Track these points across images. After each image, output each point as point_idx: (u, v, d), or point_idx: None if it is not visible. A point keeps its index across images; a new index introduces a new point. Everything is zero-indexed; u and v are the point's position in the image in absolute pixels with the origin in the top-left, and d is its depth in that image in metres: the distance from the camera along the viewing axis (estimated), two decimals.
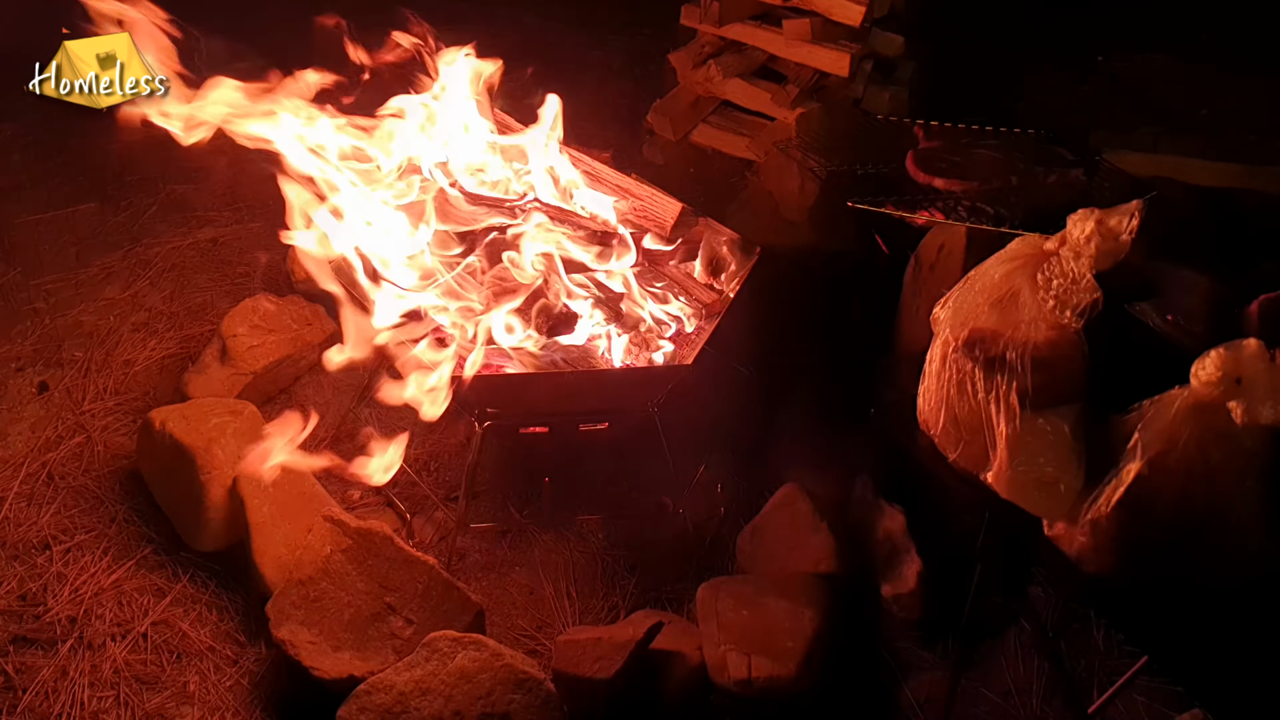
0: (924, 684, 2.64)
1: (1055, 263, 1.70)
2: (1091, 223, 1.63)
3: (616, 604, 2.86)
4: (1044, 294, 1.68)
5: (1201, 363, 1.50)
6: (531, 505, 3.02)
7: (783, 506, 2.83)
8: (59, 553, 2.91)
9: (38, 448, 3.18)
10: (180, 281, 3.79)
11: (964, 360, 1.73)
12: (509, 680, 2.48)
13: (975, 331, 1.73)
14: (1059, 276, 1.68)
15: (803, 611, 2.60)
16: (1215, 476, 1.47)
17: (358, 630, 2.63)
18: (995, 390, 1.68)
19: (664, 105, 4.44)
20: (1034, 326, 1.68)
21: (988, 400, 1.69)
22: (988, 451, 1.72)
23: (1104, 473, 1.59)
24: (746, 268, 3.01)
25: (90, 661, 2.67)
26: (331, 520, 2.74)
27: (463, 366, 2.69)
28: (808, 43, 3.97)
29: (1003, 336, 1.70)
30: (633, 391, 2.82)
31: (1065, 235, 1.71)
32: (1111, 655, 2.64)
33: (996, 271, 1.76)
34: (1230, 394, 1.46)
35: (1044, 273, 1.70)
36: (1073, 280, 1.65)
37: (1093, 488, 1.60)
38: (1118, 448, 1.59)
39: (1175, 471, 1.50)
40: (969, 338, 1.74)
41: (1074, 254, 1.66)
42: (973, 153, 3.32)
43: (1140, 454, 1.52)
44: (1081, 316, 1.65)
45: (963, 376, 1.73)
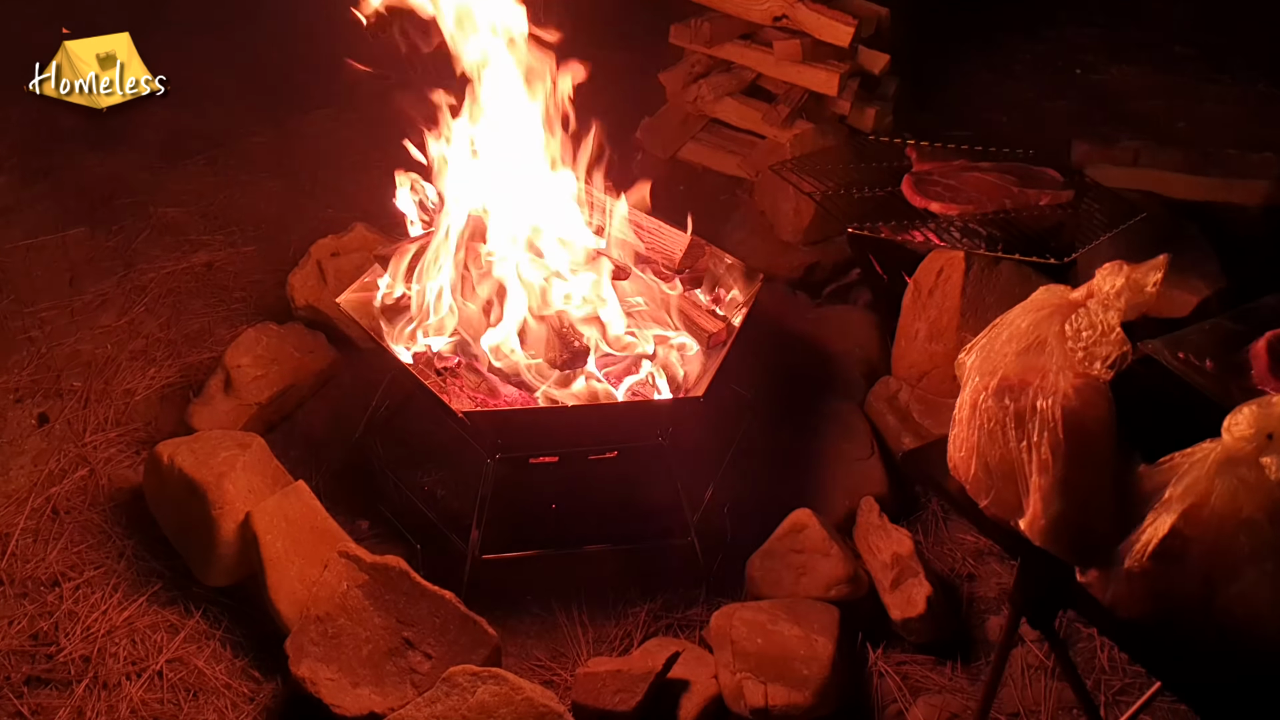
0: (935, 706, 2.68)
1: (1083, 314, 1.73)
2: (1123, 278, 1.67)
3: (630, 631, 2.88)
4: (1072, 345, 1.72)
5: (1234, 418, 1.55)
6: (540, 534, 3.04)
7: (793, 532, 2.86)
8: (69, 590, 2.90)
9: (41, 481, 3.17)
10: (176, 307, 3.78)
11: (995, 409, 1.77)
12: (530, 714, 2.50)
13: (1005, 380, 1.77)
14: (1088, 328, 1.72)
15: (816, 639, 2.64)
16: (1249, 528, 1.52)
17: (376, 666, 2.65)
18: (1027, 439, 1.72)
19: (653, 123, 4.47)
20: (1061, 375, 1.72)
21: (1019, 449, 1.73)
22: (1019, 499, 1.76)
23: (1136, 523, 1.63)
24: (750, 295, 3.05)
25: (107, 702, 2.66)
26: (347, 556, 2.74)
27: (474, 402, 2.72)
28: (797, 63, 4.02)
29: (1031, 385, 1.74)
30: (643, 424, 2.85)
31: (1092, 287, 1.74)
32: (1116, 674, 2.71)
33: (1023, 321, 1.80)
34: (1263, 449, 1.51)
35: (1072, 324, 1.74)
36: (1102, 333, 1.69)
37: (1124, 536, 1.65)
38: (1150, 498, 1.63)
39: (1209, 524, 1.54)
40: (999, 386, 1.78)
41: (1103, 306, 1.70)
42: (966, 176, 3.37)
43: (1174, 506, 1.57)
44: (1112, 369, 1.69)
45: (994, 425, 1.77)
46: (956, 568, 2.99)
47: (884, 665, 2.77)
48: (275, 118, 4.80)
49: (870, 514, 2.97)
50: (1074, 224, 3.30)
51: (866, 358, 3.44)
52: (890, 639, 2.83)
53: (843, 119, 4.19)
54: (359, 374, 3.55)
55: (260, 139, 4.70)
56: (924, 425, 3.14)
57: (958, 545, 3.04)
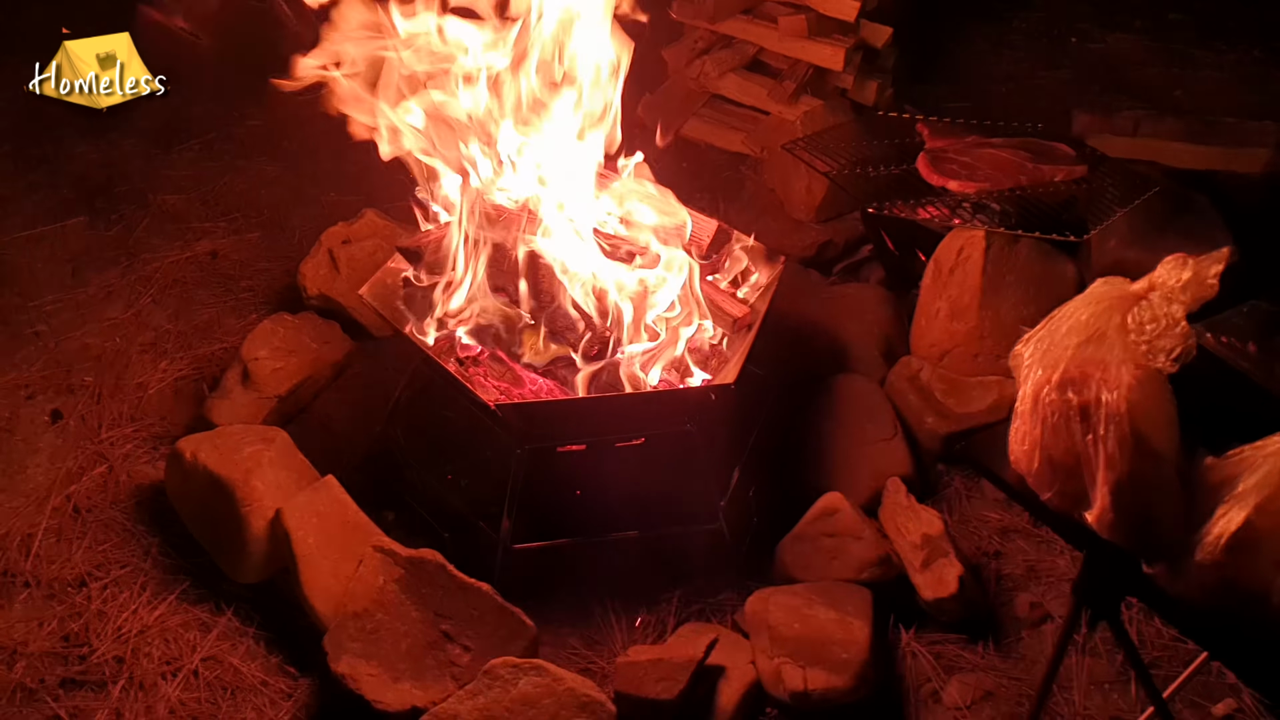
0: (969, 685, 2.71)
1: (1145, 307, 1.75)
2: (1189, 271, 1.68)
3: (663, 617, 2.89)
4: (1135, 337, 1.73)
5: None
6: (567, 522, 3.04)
7: (825, 515, 2.88)
8: (96, 590, 2.88)
9: (59, 480, 3.14)
10: (184, 298, 3.74)
11: (1059, 402, 1.78)
12: (572, 704, 2.52)
13: (1067, 374, 1.78)
14: (1150, 321, 1.73)
15: (852, 621, 2.67)
16: None
17: (415, 660, 2.65)
18: (1093, 433, 1.73)
19: (655, 100, 4.44)
20: (1123, 368, 1.73)
21: (1084, 443, 1.75)
22: (1084, 491, 1.77)
23: (1205, 515, 1.65)
24: (773, 277, 3.04)
25: (144, 702, 2.65)
26: (382, 550, 2.74)
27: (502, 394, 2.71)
28: (803, 38, 4.00)
29: (1092, 378, 1.75)
30: (674, 411, 2.85)
31: (1154, 279, 1.75)
32: (1145, 649, 2.75)
33: (1083, 313, 1.81)
34: None
35: (1134, 317, 1.75)
36: (1166, 326, 1.70)
37: (1193, 529, 1.67)
38: (1219, 491, 1.66)
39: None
40: (1061, 379, 1.79)
41: (1166, 299, 1.71)
42: (981, 153, 3.38)
43: (1247, 499, 1.59)
44: (1176, 362, 1.70)
45: (1058, 419, 1.78)
46: (983, 546, 3.01)
47: (917, 645, 2.80)
48: (265, 99, 4.72)
49: (897, 495, 2.99)
50: (1088, 199, 3.32)
51: (884, 336, 3.44)
52: (921, 619, 2.85)
53: (844, 93, 4.18)
54: (374, 363, 3.53)
55: (255, 121, 4.63)
56: (947, 404, 3.15)
57: (983, 524, 3.06)
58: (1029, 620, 2.85)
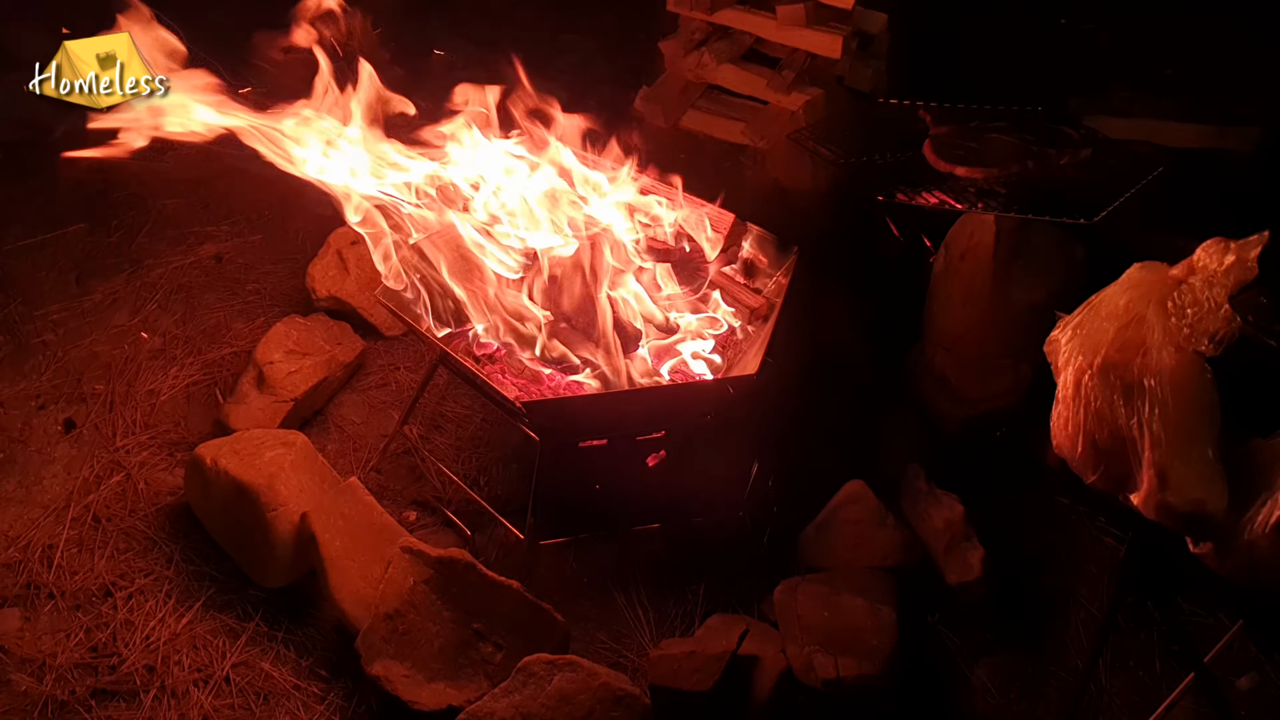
0: (997, 667, 2.74)
1: (1186, 291, 1.76)
2: (1232, 255, 1.70)
3: (690, 609, 2.91)
4: (1177, 321, 1.75)
5: None
6: (589, 516, 3.05)
7: (848, 503, 2.90)
8: (121, 599, 2.87)
9: (77, 490, 3.12)
10: (190, 303, 3.72)
11: (1101, 387, 1.80)
12: (608, 699, 2.53)
13: (1110, 358, 1.80)
14: (1192, 305, 1.75)
15: (880, 608, 2.69)
16: None
17: (449, 659, 2.66)
18: (1137, 416, 1.75)
19: (653, 92, 4.43)
20: (1164, 352, 1.74)
21: (1129, 426, 1.77)
22: (1129, 473, 1.79)
23: (1252, 496, 1.68)
24: (788, 267, 3.05)
25: (177, 710, 2.65)
26: (411, 551, 2.74)
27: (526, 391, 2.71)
28: (801, 26, 4.00)
29: (1133, 362, 1.77)
30: (696, 403, 2.86)
31: (1194, 264, 1.77)
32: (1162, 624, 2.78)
33: (1121, 298, 1.83)
34: None
35: (1175, 301, 1.77)
36: (1209, 309, 1.72)
37: (1241, 510, 1.69)
38: (1266, 472, 1.68)
39: None
40: (1103, 364, 1.80)
41: (1208, 283, 1.73)
42: (986, 138, 3.39)
43: None
44: (1220, 345, 1.72)
45: (1101, 404, 1.80)
46: (1002, 528, 3.03)
47: (942, 630, 2.83)
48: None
49: (917, 481, 3.01)
50: (1093, 182, 3.34)
51: (893, 322, 3.46)
52: (945, 603, 2.88)
53: (840, 79, 4.19)
54: (386, 362, 3.53)
55: None
56: (962, 389, 3.17)
57: (1001, 506, 3.08)
58: (1053, 600, 2.88)
